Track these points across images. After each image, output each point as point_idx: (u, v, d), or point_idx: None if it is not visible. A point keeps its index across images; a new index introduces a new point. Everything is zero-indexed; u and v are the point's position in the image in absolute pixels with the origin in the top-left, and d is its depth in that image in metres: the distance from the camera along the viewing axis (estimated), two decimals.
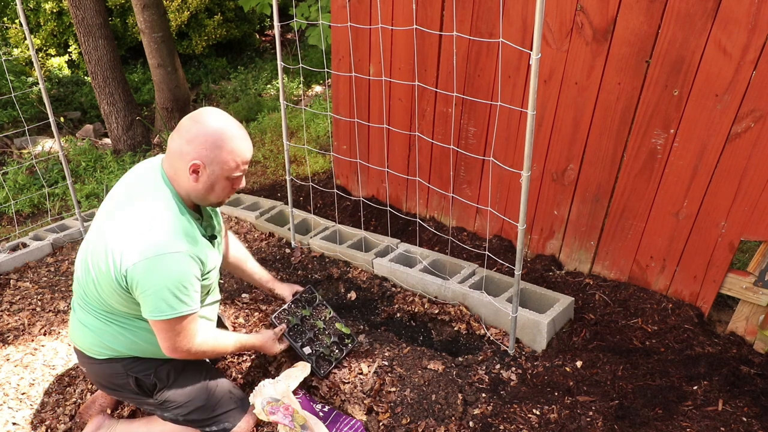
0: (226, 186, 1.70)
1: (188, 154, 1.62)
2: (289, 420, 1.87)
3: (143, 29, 6.19)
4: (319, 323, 2.28)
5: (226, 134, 1.63)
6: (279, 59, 2.73)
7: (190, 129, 1.63)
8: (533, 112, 1.83)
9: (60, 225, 3.78)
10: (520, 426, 1.92)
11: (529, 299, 2.49)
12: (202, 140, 1.61)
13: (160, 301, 1.62)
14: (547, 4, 2.38)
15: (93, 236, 1.75)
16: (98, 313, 1.78)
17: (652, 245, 2.44)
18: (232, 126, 1.66)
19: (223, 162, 1.64)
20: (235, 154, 1.65)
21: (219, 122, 1.63)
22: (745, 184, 2.11)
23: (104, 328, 1.79)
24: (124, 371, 1.82)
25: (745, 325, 2.27)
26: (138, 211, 1.65)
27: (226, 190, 1.72)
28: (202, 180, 1.66)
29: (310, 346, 2.18)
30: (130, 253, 1.59)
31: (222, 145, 1.62)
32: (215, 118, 1.64)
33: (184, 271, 1.64)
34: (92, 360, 1.85)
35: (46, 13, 8.98)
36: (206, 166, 1.64)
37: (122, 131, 6.21)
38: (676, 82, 2.17)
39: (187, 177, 1.66)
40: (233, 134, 1.64)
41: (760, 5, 1.91)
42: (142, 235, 1.61)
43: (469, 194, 3.08)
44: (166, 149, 1.70)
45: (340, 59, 3.48)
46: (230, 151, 1.63)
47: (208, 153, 1.62)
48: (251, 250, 3.31)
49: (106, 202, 1.77)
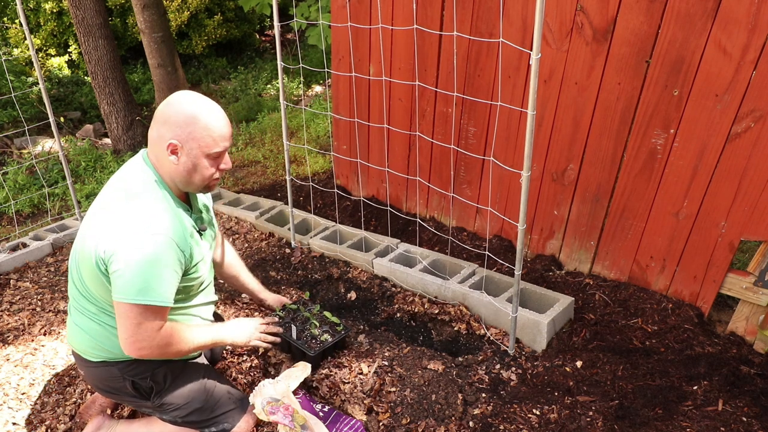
0: (209, 165, 1.68)
1: (164, 136, 1.63)
2: (289, 420, 1.87)
3: (143, 29, 6.19)
4: (308, 314, 2.33)
5: (198, 110, 1.63)
6: (279, 59, 2.73)
7: (164, 111, 1.64)
8: (533, 112, 1.83)
9: (60, 225, 3.78)
10: (520, 426, 1.92)
11: (529, 299, 2.49)
12: (175, 119, 1.62)
13: (129, 283, 1.57)
14: (547, 4, 2.38)
15: (81, 231, 1.75)
16: (91, 313, 1.77)
17: (652, 245, 2.44)
18: (204, 103, 1.66)
19: (199, 138, 1.63)
20: (210, 129, 1.64)
21: (190, 101, 1.65)
22: (745, 184, 2.11)
23: (98, 329, 1.77)
24: (120, 374, 1.81)
25: (745, 325, 2.27)
26: (125, 200, 1.65)
27: (209, 171, 1.69)
28: (182, 161, 1.66)
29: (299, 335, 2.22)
30: (109, 233, 1.59)
31: (195, 121, 1.62)
32: (186, 98, 1.66)
33: (161, 256, 1.60)
34: (88, 363, 1.84)
35: (46, 13, 8.98)
36: (183, 145, 1.63)
37: (122, 131, 6.21)
38: (676, 82, 2.17)
39: (168, 161, 1.66)
40: (205, 109, 1.65)
41: (760, 5, 1.91)
42: (124, 218, 1.61)
43: (469, 194, 3.08)
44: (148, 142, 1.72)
45: (340, 59, 3.48)
46: (204, 126, 1.63)
47: (182, 131, 1.62)
48: (251, 250, 3.31)
49: (94, 202, 1.77)
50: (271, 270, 3.06)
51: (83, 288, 1.74)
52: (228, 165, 1.74)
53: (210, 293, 1.98)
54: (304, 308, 2.37)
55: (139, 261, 1.57)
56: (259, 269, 3.08)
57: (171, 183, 1.71)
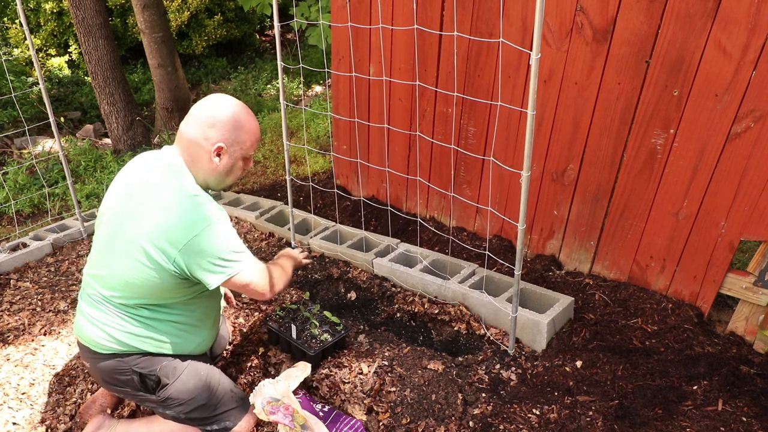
0: (242, 166, 1.83)
1: (211, 138, 1.72)
2: (289, 420, 1.87)
3: (143, 29, 6.19)
4: (308, 314, 2.34)
5: (243, 115, 1.76)
6: (279, 59, 2.73)
7: (211, 115, 1.73)
8: (533, 112, 1.83)
9: (60, 225, 3.78)
10: (520, 426, 1.92)
11: (529, 299, 2.50)
12: (223, 123, 1.72)
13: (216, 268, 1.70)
14: (547, 4, 2.38)
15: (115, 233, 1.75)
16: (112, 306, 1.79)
17: (652, 245, 2.44)
18: (244, 108, 1.79)
19: (242, 141, 1.76)
20: (251, 134, 1.78)
21: (233, 105, 1.76)
22: (745, 184, 2.11)
23: (117, 321, 1.79)
24: (129, 367, 1.82)
25: (744, 325, 2.27)
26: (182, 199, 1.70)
27: (241, 170, 1.84)
28: (224, 162, 1.76)
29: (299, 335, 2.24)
30: (176, 236, 1.65)
31: (242, 126, 1.75)
32: (228, 102, 1.76)
33: (229, 235, 1.73)
34: (97, 355, 1.84)
35: (46, 13, 8.99)
36: (228, 148, 1.75)
37: (122, 131, 6.21)
38: (676, 82, 2.17)
39: (208, 161, 1.75)
40: (248, 114, 1.78)
41: (760, 5, 1.91)
42: (191, 218, 1.67)
43: (469, 194, 3.08)
44: (180, 139, 1.77)
45: (340, 59, 3.48)
46: (248, 130, 1.77)
47: (230, 134, 1.73)
48: (251, 250, 3.31)
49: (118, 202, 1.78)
50: None
51: (112, 279, 1.76)
52: (251, 165, 1.89)
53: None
54: (304, 308, 2.38)
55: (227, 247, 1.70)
56: None
57: (202, 183, 1.80)
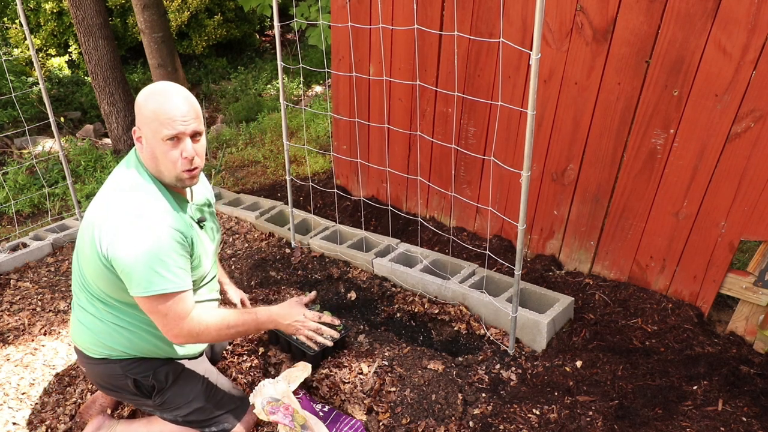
0: (166, 150, 1.61)
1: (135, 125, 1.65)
2: (289, 420, 1.87)
3: (143, 29, 6.19)
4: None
5: (153, 94, 1.60)
6: (279, 59, 2.73)
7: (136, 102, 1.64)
8: (533, 112, 1.83)
9: (60, 225, 3.78)
10: (520, 426, 1.92)
11: (529, 299, 2.50)
12: (138, 107, 1.62)
13: (139, 278, 1.57)
14: (547, 4, 2.38)
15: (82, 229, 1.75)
16: (94, 309, 1.77)
17: (652, 245, 2.44)
18: (162, 87, 1.62)
19: (149, 121, 1.59)
20: (158, 112, 1.57)
21: (150, 87, 1.63)
22: (745, 184, 2.11)
23: (100, 326, 1.78)
24: (123, 372, 1.81)
25: (744, 325, 2.27)
26: (118, 194, 1.66)
27: (169, 157, 1.61)
28: (146, 148, 1.64)
29: None
30: (108, 228, 1.60)
31: (146, 104, 1.60)
32: (150, 86, 1.64)
33: (161, 243, 1.58)
34: (90, 360, 1.84)
35: (46, 13, 8.98)
36: (142, 130, 1.63)
37: (122, 131, 6.21)
38: (676, 82, 2.17)
39: (140, 149, 1.67)
40: (159, 92, 1.61)
41: (760, 5, 1.91)
42: (119, 214, 1.60)
43: (469, 194, 3.08)
44: None
45: (340, 59, 3.48)
46: (153, 109, 1.58)
47: (140, 117, 1.62)
48: (251, 250, 3.31)
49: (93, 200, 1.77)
50: (271, 270, 3.07)
51: (86, 285, 1.75)
52: (189, 152, 1.62)
53: (214, 290, 1.98)
54: None
55: (142, 254, 1.56)
56: (259, 269, 3.08)
57: (157, 175, 1.69)
